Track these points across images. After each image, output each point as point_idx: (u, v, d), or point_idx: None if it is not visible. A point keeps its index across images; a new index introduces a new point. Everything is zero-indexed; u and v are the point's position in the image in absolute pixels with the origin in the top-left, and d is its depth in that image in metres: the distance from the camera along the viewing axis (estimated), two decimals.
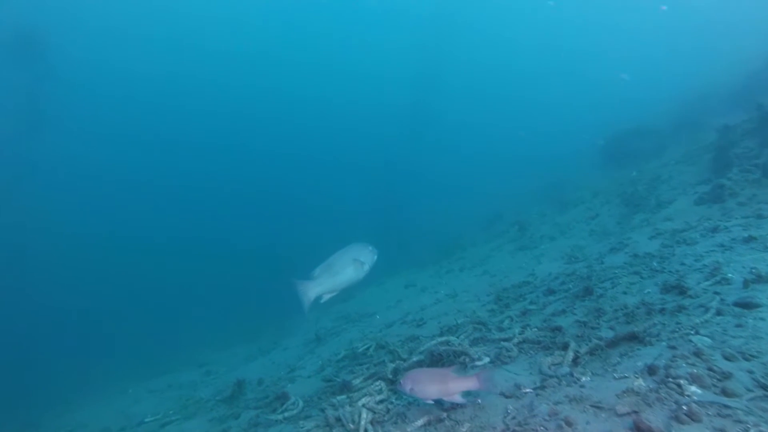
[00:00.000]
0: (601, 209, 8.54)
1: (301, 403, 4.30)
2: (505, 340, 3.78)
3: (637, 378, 2.10)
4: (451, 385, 2.48)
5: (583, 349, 2.91)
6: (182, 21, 38.42)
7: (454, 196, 21.76)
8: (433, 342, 4.17)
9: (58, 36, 22.16)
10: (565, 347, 3.08)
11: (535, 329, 3.63)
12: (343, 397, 4.07)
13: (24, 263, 17.43)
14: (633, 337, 2.67)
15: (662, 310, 2.80)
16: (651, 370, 2.11)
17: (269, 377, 5.77)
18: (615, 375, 2.25)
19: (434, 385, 2.52)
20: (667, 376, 1.98)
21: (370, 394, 3.60)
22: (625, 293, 3.32)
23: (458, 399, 2.51)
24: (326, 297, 4.90)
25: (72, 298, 17.65)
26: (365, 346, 5.22)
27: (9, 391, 11.64)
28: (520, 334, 3.69)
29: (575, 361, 2.83)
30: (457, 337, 4.22)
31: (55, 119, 22.07)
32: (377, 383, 3.72)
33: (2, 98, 21.77)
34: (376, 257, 5.23)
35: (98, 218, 25.56)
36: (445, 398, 2.54)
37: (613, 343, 2.78)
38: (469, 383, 2.44)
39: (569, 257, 5.36)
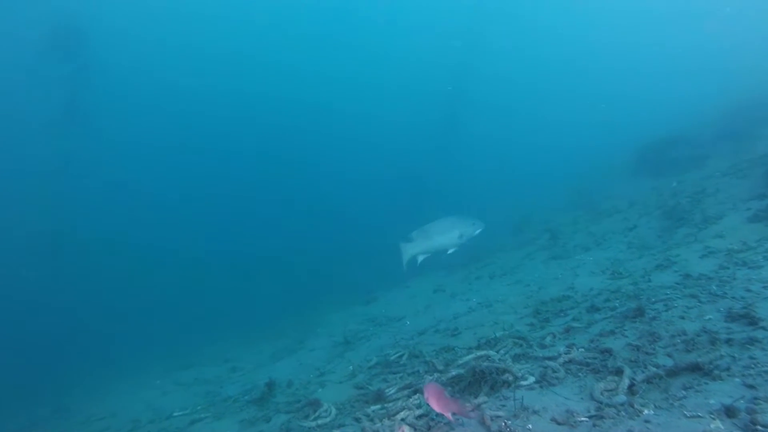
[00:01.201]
0: (639, 220, 8.26)
1: (333, 411, 4.25)
2: (549, 358, 3.65)
3: (713, 419, 1.97)
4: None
5: (640, 377, 2.78)
6: (217, 34, 39.23)
7: (481, 198, 21.50)
8: (472, 356, 4.08)
9: (96, 34, 22.71)
10: (618, 372, 2.95)
11: (582, 349, 3.50)
12: (378, 407, 4.00)
13: (59, 256, 17.99)
14: (696, 368, 2.52)
15: (729, 341, 2.65)
16: (730, 412, 1.97)
17: (298, 379, 5.76)
18: (685, 412, 2.12)
19: None
20: (754, 423, 1.84)
21: (409, 408, 3.53)
22: (682, 318, 3.16)
23: None
24: (421, 258, 5.22)
25: (104, 290, 18.17)
26: (398, 354, 5.15)
27: (40, 376, 12.00)
28: (565, 353, 3.57)
29: (631, 389, 2.70)
30: (497, 352, 4.11)
31: (89, 118, 22.70)
32: (416, 396, 3.64)
33: (40, 92, 22.53)
34: (478, 231, 5.41)
35: (131, 218, 26.27)
36: None
37: (673, 373, 2.63)
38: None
39: (612, 272, 5.17)
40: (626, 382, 2.76)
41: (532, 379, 3.33)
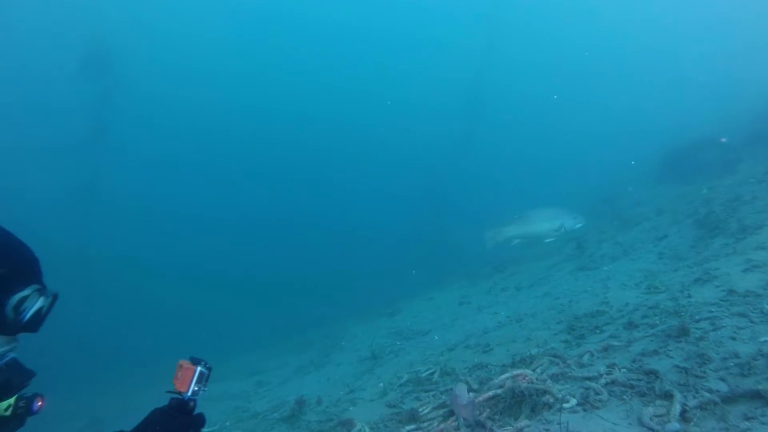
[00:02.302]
0: (669, 229, 8.06)
1: (368, 431, 4.21)
2: (589, 379, 3.55)
3: None
4: None
5: (692, 402, 2.67)
6: (241, 56, 40.28)
7: (504, 204, 21.32)
8: (508, 375, 3.99)
9: (125, 56, 23.48)
10: (667, 396, 2.84)
11: (625, 370, 3.39)
12: (412, 427, 3.95)
13: (88, 271, 18.49)
14: (757, 396, 2.41)
15: None
16: None
17: (327, 397, 5.73)
18: None
19: None
20: None
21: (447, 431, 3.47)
22: (733, 338, 3.04)
23: None
24: (515, 241, 5.52)
25: (134, 304, 18.59)
26: (429, 371, 5.09)
27: (76, 388, 12.21)
28: (607, 374, 3.46)
29: (684, 416, 2.60)
30: (534, 371, 4.02)
31: (116, 136, 23.43)
32: (453, 419, 3.58)
33: (69, 110, 23.28)
34: (579, 225, 5.62)
35: (158, 235, 27.03)
36: None
37: (730, 400, 2.53)
38: None
39: (647, 286, 5.04)
40: (677, 407, 2.65)
41: (574, 402, 3.23)
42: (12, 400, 1.42)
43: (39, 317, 1.47)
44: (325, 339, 10.49)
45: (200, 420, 1.59)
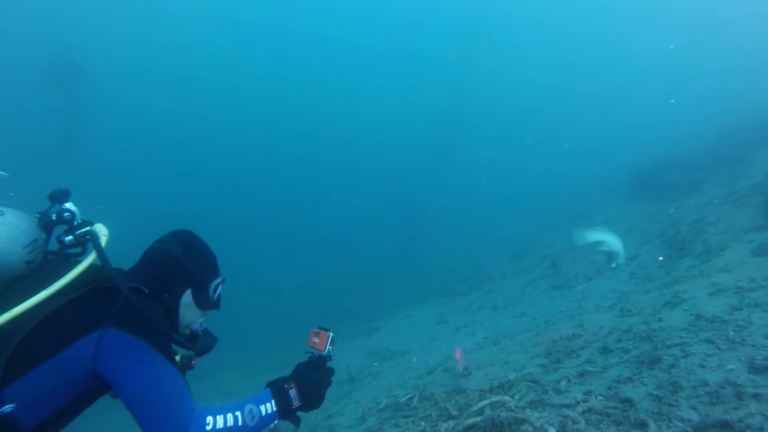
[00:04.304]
0: (639, 249, 8.31)
1: None
2: (566, 406, 3.60)
3: None
4: None
5: None
6: (214, 65, 39.96)
7: (478, 221, 21.59)
8: (487, 402, 4.01)
9: (94, 63, 22.94)
10: (642, 426, 2.90)
11: (601, 398, 3.45)
12: None
13: None
14: (726, 426, 2.49)
15: (757, 396, 2.62)
16: None
17: (305, 422, 5.61)
18: None
19: None
20: None
21: None
22: (702, 366, 3.14)
23: None
24: (603, 248, 5.96)
25: None
26: (408, 396, 5.06)
27: None
28: (583, 401, 3.52)
29: None
30: (512, 397, 4.05)
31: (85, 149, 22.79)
32: None
33: (38, 122, 22.58)
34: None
35: (138, 246, 26.22)
36: None
37: (700, 429, 2.60)
38: None
39: (621, 309, 5.16)
40: None
41: (552, 431, 3.27)
42: (177, 357, 2.05)
43: (220, 298, 2.07)
44: (301, 359, 10.33)
45: (333, 371, 2.08)
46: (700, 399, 2.85)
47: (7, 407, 1.41)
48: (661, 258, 7.14)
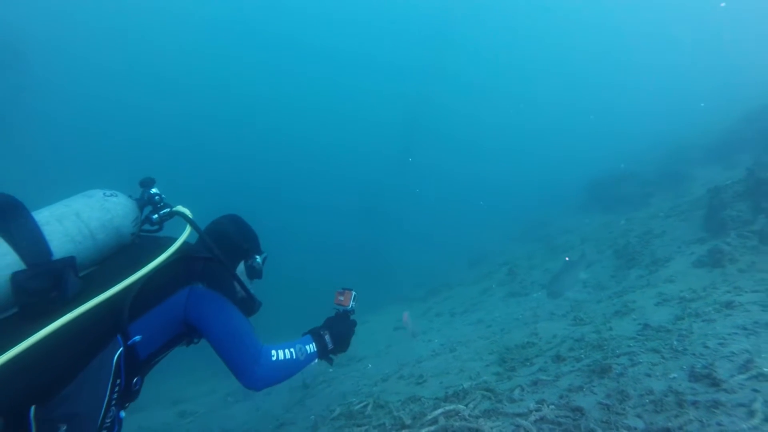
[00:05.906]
0: (592, 258, 8.58)
1: None
2: (519, 415, 3.62)
3: None
4: None
5: None
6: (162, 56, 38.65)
7: (436, 228, 21.77)
8: (441, 410, 3.98)
9: (36, 46, 21.62)
10: None
11: (553, 407, 3.49)
12: None
13: None
14: None
15: (695, 404, 2.71)
16: None
17: (256, 431, 5.44)
18: None
19: None
20: None
21: None
22: (648, 375, 3.22)
23: None
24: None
25: None
26: (362, 404, 4.97)
27: None
28: (536, 410, 3.54)
29: None
30: (466, 406, 4.04)
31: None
32: None
33: None
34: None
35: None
36: None
37: None
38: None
39: (573, 318, 5.28)
40: None
41: None
42: None
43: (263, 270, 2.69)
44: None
45: (356, 323, 2.80)
46: (646, 407, 2.92)
47: (137, 337, 1.93)
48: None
